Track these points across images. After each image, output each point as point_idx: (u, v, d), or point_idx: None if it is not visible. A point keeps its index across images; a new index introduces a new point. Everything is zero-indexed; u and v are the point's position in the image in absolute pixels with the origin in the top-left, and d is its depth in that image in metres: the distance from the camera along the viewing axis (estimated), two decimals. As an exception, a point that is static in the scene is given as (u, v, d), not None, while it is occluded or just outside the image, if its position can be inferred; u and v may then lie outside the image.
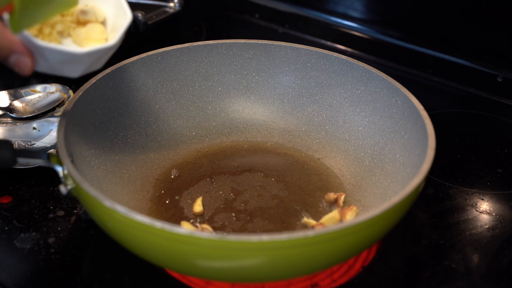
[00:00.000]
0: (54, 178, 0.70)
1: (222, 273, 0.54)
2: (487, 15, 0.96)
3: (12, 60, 0.53)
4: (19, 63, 0.54)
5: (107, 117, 0.70)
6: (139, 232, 0.51)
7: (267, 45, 0.78)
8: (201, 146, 0.77)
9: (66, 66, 0.56)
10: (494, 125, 0.89)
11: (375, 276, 0.62)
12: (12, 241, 0.64)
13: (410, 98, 0.67)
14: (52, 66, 0.56)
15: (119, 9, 0.63)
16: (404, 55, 1.04)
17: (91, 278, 0.61)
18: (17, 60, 0.53)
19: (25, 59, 0.54)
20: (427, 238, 0.67)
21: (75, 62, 0.56)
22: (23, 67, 0.54)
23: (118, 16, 0.63)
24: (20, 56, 0.53)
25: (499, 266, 0.63)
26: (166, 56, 0.76)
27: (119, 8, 0.63)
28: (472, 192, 0.74)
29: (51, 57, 0.54)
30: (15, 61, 0.53)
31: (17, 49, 0.53)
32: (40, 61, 0.55)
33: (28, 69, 0.54)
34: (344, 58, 0.75)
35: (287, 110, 0.80)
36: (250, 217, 0.66)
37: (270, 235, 0.48)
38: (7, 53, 0.53)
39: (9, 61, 0.54)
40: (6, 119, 0.79)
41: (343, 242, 0.51)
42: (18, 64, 0.54)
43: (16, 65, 0.54)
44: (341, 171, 0.73)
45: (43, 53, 0.54)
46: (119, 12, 0.63)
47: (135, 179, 0.69)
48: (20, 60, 0.53)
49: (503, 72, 0.96)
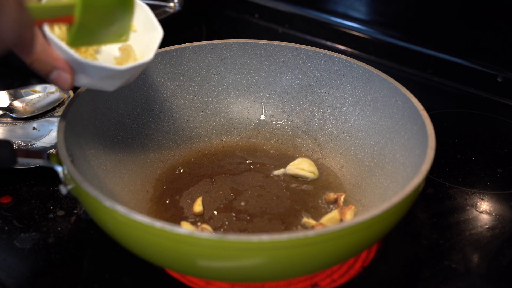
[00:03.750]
0: (54, 178, 0.70)
1: (222, 273, 0.54)
2: (487, 15, 0.96)
3: (53, 76, 0.55)
4: (60, 79, 0.55)
5: (107, 117, 0.70)
6: (139, 232, 0.51)
7: (267, 45, 0.78)
8: (201, 146, 0.77)
9: (106, 81, 0.58)
10: (494, 125, 0.89)
11: (375, 276, 0.62)
12: (12, 241, 0.64)
13: (410, 98, 0.67)
14: (92, 81, 0.58)
15: (148, 24, 0.63)
16: (404, 55, 1.04)
17: (91, 278, 0.61)
18: (58, 76, 0.55)
19: (65, 76, 0.55)
20: (427, 238, 0.67)
21: (115, 77, 0.58)
22: (63, 83, 0.55)
23: (147, 31, 0.63)
24: (61, 72, 0.55)
25: (499, 266, 0.63)
26: (166, 56, 0.76)
27: (149, 23, 0.63)
28: (472, 192, 0.74)
29: (93, 73, 0.56)
30: (56, 77, 0.55)
31: (59, 65, 0.54)
32: (81, 77, 0.57)
33: (68, 85, 0.56)
34: (344, 58, 0.75)
35: (287, 110, 0.80)
36: (250, 217, 0.66)
37: (270, 235, 0.48)
38: (50, 69, 0.54)
39: (50, 76, 0.55)
40: (6, 119, 0.79)
41: (343, 242, 0.51)
42: (58, 80, 0.55)
43: (57, 81, 0.55)
44: (341, 171, 0.73)
45: (86, 70, 0.56)
46: (148, 27, 0.63)
47: (135, 179, 0.69)
48: (61, 76, 0.55)
49: (503, 72, 0.96)
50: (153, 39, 0.62)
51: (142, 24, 0.64)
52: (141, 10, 0.63)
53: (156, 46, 0.61)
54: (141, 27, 0.64)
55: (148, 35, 0.63)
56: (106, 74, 0.57)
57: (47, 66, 0.54)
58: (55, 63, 0.54)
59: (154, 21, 0.63)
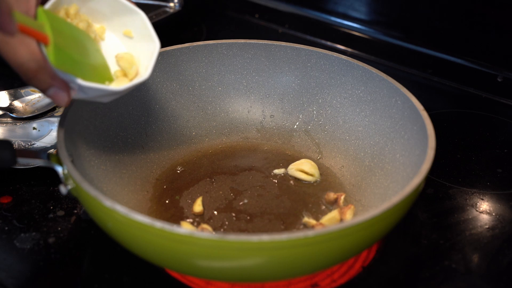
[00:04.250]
0: (54, 178, 0.70)
1: (222, 273, 0.55)
2: (487, 15, 0.96)
3: (50, 93, 0.56)
4: (57, 96, 0.56)
5: (107, 117, 0.70)
6: (139, 232, 0.51)
7: (267, 45, 0.78)
8: (201, 146, 0.77)
9: (102, 98, 0.60)
10: (494, 125, 0.89)
11: (375, 276, 0.62)
12: (12, 241, 0.64)
13: (410, 98, 0.67)
14: (89, 98, 0.59)
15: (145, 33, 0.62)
16: (404, 55, 1.04)
17: (91, 278, 0.61)
18: (54, 93, 0.56)
19: (62, 94, 0.56)
20: (427, 238, 0.67)
21: (112, 95, 0.60)
22: (60, 100, 0.57)
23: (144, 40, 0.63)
24: (58, 90, 0.56)
25: (499, 266, 0.63)
26: (166, 56, 0.76)
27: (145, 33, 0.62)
28: (472, 192, 0.74)
29: (90, 92, 0.57)
30: (52, 94, 0.56)
31: (55, 84, 0.55)
32: (78, 93, 0.58)
33: (64, 103, 0.57)
34: (344, 58, 0.75)
35: (287, 110, 0.80)
36: (250, 217, 0.66)
37: (270, 235, 0.48)
38: (47, 86, 0.55)
39: (47, 93, 0.56)
40: (6, 119, 0.79)
41: (343, 242, 0.51)
42: (55, 97, 0.56)
43: (54, 98, 0.56)
44: (341, 171, 0.73)
45: (83, 89, 0.56)
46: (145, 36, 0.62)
47: (135, 179, 0.69)
48: (58, 94, 0.56)
49: (503, 72, 0.96)
50: (150, 52, 0.61)
51: (139, 32, 0.63)
52: (139, 18, 0.62)
53: (152, 62, 0.60)
54: (138, 35, 0.63)
55: (144, 44, 0.62)
56: (104, 94, 0.58)
57: (44, 84, 0.55)
58: (52, 82, 0.55)
59: (151, 31, 0.62)
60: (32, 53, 0.53)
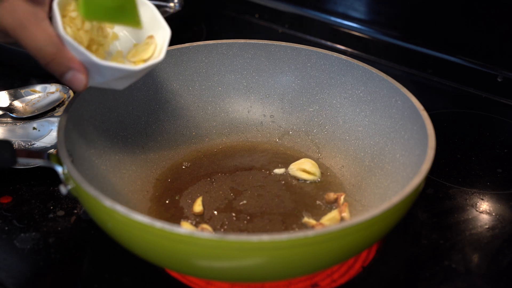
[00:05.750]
0: (54, 178, 0.70)
1: (222, 273, 0.55)
2: (487, 15, 0.96)
3: (68, 77, 0.55)
4: (74, 79, 0.56)
5: (107, 117, 0.70)
6: (139, 232, 0.51)
7: (267, 45, 0.78)
8: (201, 146, 0.77)
9: (119, 81, 0.59)
10: (494, 125, 0.89)
11: (375, 276, 0.62)
12: (12, 241, 0.64)
13: (410, 98, 0.67)
14: (106, 81, 0.58)
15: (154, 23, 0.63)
16: (404, 55, 1.04)
17: (91, 278, 0.61)
18: (73, 76, 0.55)
19: (80, 76, 0.56)
20: (427, 238, 0.67)
21: (129, 77, 0.59)
22: (78, 84, 0.56)
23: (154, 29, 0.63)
24: (76, 73, 0.55)
25: (499, 266, 0.63)
26: (166, 56, 0.76)
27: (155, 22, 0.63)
28: (472, 192, 0.74)
29: (108, 74, 0.57)
30: (71, 78, 0.55)
31: (74, 66, 0.55)
32: (96, 77, 0.57)
33: (82, 86, 0.56)
34: (344, 58, 0.75)
35: (287, 110, 0.80)
36: (250, 217, 0.66)
37: (270, 235, 0.48)
38: (65, 69, 0.55)
39: (65, 77, 0.56)
40: (6, 119, 0.79)
41: (343, 242, 0.51)
42: (73, 81, 0.56)
43: (72, 82, 0.56)
44: (341, 171, 0.73)
45: (101, 70, 0.56)
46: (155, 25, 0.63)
47: (135, 179, 0.69)
48: (76, 77, 0.55)
49: (503, 72, 0.96)
50: (162, 38, 0.62)
51: (149, 23, 0.63)
52: (147, 8, 0.63)
53: (165, 45, 0.61)
54: (148, 25, 0.64)
55: (156, 34, 0.63)
56: (121, 75, 0.58)
57: (62, 67, 0.55)
58: (70, 64, 0.55)
59: (161, 20, 0.63)
60: (50, 37, 0.53)
